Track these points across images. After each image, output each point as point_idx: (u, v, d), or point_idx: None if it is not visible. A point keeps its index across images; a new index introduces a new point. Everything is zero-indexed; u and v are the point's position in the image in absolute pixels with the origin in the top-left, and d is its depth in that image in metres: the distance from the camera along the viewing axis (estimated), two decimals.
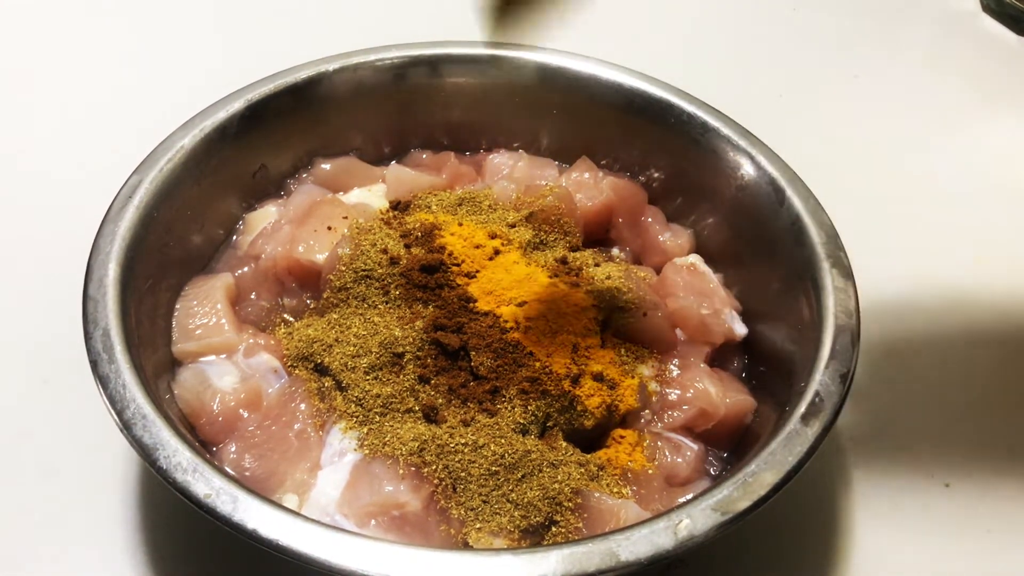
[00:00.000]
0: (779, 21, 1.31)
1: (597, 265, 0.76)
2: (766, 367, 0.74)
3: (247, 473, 0.62)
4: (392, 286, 0.69)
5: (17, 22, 1.17)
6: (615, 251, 0.83)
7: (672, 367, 0.71)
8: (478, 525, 0.59)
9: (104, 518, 0.69)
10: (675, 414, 0.68)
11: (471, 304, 0.68)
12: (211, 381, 0.66)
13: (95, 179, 0.77)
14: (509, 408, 0.63)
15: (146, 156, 0.72)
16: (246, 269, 0.76)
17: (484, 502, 0.60)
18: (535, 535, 0.60)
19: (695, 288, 0.76)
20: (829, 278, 0.68)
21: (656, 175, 0.85)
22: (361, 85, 0.84)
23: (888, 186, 1.04)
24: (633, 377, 0.68)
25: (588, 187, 0.82)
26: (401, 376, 0.65)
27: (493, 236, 0.74)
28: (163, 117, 0.76)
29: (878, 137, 1.11)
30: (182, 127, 0.74)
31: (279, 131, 0.81)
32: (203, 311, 0.70)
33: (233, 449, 0.63)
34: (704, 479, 0.68)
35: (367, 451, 0.61)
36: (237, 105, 0.77)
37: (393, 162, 0.88)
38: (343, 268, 0.71)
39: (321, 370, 0.67)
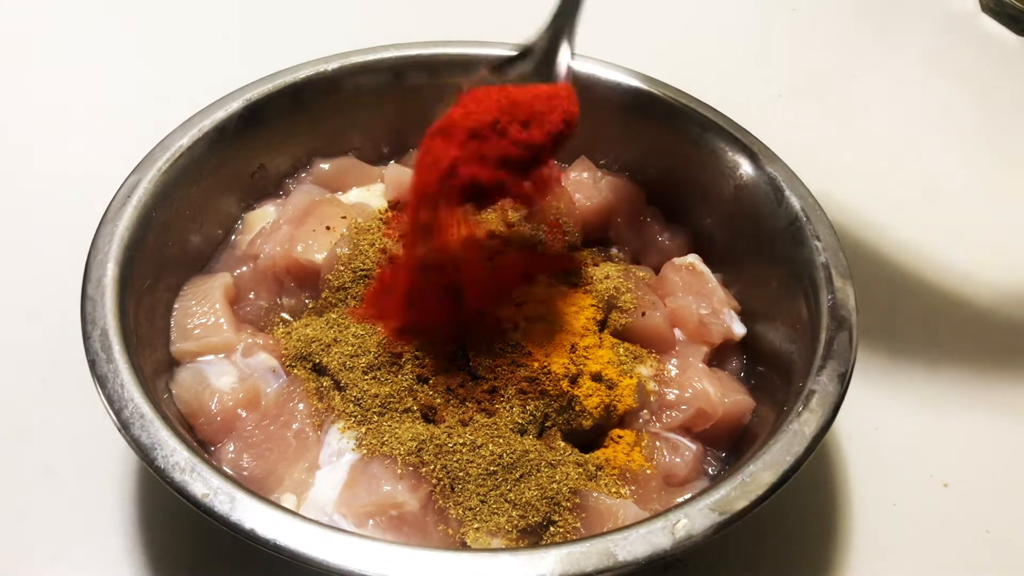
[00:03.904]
0: (778, 21, 1.31)
1: (596, 265, 0.76)
2: (765, 367, 0.74)
3: (245, 473, 0.62)
4: None
5: (14, 23, 1.17)
6: (614, 251, 0.83)
7: (671, 367, 0.71)
8: (476, 525, 0.59)
9: (102, 518, 0.69)
10: (673, 414, 0.68)
11: None
12: (209, 381, 0.66)
13: (93, 179, 0.77)
14: (507, 408, 0.63)
15: (145, 156, 0.72)
16: (245, 269, 0.76)
17: (482, 502, 0.60)
18: (533, 535, 0.60)
19: (694, 288, 0.76)
20: (827, 277, 0.68)
21: (655, 175, 0.85)
22: (360, 85, 0.83)
23: (887, 186, 1.04)
24: (631, 377, 0.68)
25: (587, 187, 0.82)
26: (399, 376, 0.65)
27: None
28: (162, 117, 0.76)
29: (877, 137, 1.12)
30: (181, 127, 0.74)
31: (278, 131, 0.81)
32: (202, 311, 0.70)
33: (231, 449, 0.64)
34: (702, 479, 0.68)
35: (365, 451, 0.61)
36: (236, 105, 0.77)
37: (392, 162, 0.88)
38: (342, 268, 0.71)
39: (319, 370, 0.67)
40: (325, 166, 0.84)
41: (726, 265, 0.80)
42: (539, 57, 0.70)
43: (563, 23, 0.71)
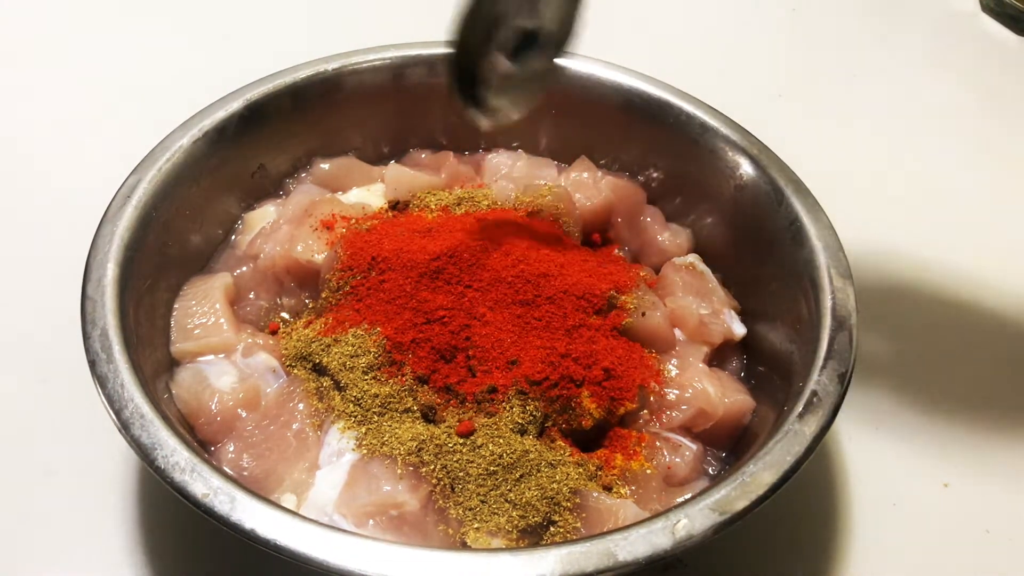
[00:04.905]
0: (778, 21, 1.31)
1: None
2: (765, 367, 0.74)
3: (245, 473, 0.62)
4: None
5: (14, 23, 1.17)
6: (614, 251, 0.83)
7: (671, 367, 0.71)
8: (476, 525, 0.59)
9: (102, 518, 0.69)
10: (674, 414, 0.68)
11: None
12: (209, 381, 0.66)
13: (94, 179, 0.77)
14: (507, 408, 0.63)
15: (145, 156, 0.72)
16: (245, 269, 0.76)
17: (482, 502, 0.60)
18: (533, 535, 0.60)
19: (694, 288, 0.76)
20: (827, 277, 0.68)
21: (655, 175, 0.85)
22: (360, 85, 0.84)
23: (886, 186, 1.04)
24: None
25: (587, 187, 0.82)
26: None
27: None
28: (162, 117, 0.76)
29: (877, 137, 1.12)
30: (181, 127, 0.74)
31: (278, 131, 0.81)
32: (202, 311, 0.70)
33: (231, 449, 0.64)
34: (702, 479, 0.68)
35: (365, 451, 0.61)
36: (236, 105, 0.77)
37: (392, 162, 0.88)
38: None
39: (319, 370, 0.67)
40: (325, 166, 0.84)
41: (726, 265, 0.80)
42: (552, 48, 0.67)
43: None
